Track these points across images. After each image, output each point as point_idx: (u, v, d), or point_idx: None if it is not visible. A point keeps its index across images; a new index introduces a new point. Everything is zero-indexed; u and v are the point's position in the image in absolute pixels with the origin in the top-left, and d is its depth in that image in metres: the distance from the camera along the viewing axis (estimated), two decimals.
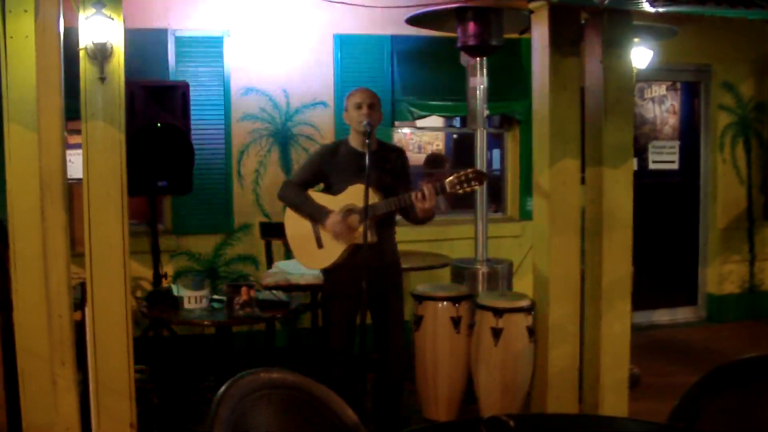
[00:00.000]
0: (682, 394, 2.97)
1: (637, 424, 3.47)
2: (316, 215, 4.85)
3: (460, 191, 4.64)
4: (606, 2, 5.02)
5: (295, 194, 4.92)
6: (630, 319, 5.70)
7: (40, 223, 4.52)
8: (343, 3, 6.05)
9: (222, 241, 7.16)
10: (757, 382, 3.05)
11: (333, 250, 4.88)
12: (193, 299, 5.01)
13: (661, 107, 8.86)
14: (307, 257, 4.97)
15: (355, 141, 4.98)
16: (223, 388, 2.71)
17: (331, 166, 4.93)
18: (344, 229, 4.78)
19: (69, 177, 4.59)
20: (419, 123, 7.98)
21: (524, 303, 5.52)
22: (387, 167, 4.95)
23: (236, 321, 4.95)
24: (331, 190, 4.90)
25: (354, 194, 4.78)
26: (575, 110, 5.48)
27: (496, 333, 5.42)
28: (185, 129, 6.16)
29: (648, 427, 3.16)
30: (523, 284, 6.51)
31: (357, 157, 4.77)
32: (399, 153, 5.18)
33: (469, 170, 4.65)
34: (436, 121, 8.48)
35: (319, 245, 4.90)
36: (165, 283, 6.30)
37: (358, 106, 4.86)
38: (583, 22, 5.49)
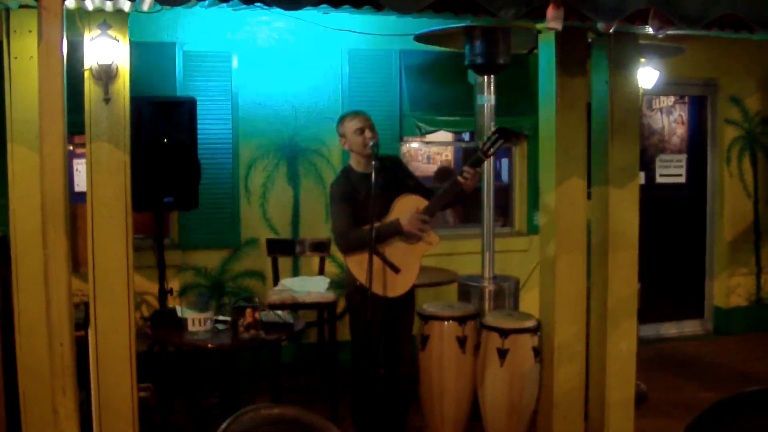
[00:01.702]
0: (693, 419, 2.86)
1: None
2: (392, 230, 4.82)
3: (492, 152, 4.81)
4: (611, 30, 4.96)
5: (356, 235, 4.84)
6: (636, 337, 5.68)
7: (42, 244, 4.45)
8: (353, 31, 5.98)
9: (229, 256, 7.07)
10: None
11: (413, 266, 4.92)
12: (197, 321, 4.92)
13: (669, 118, 8.79)
14: (391, 287, 4.90)
15: (359, 165, 4.97)
16: (224, 425, 2.69)
17: (356, 197, 4.89)
18: (427, 224, 4.82)
19: (76, 189, 4.54)
20: (428, 137, 7.88)
21: (530, 323, 5.45)
22: (399, 174, 5.06)
23: (241, 344, 4.88)
24: (365, 221, 4.81)
25: (403, 207, 4.87)
26: (582, 130, 5.43)
27: (502, 354, 5.34)
28: (192, 144, 6.10)
29: None
30: (531, 298, 6.43)
31: (370, 179, 4.73)
32: (397, 161, 5.31)
33: (491, 134, 4.82)
34: (445, 135, 8.38)
35: (396, 270, 4.87)
36: (171, 299, 6.25)
37: (361, 131, 4.87)
38: (590, 41, 5.43)
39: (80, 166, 6.47)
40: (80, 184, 6.41)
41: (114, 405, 4.72)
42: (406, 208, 4.83)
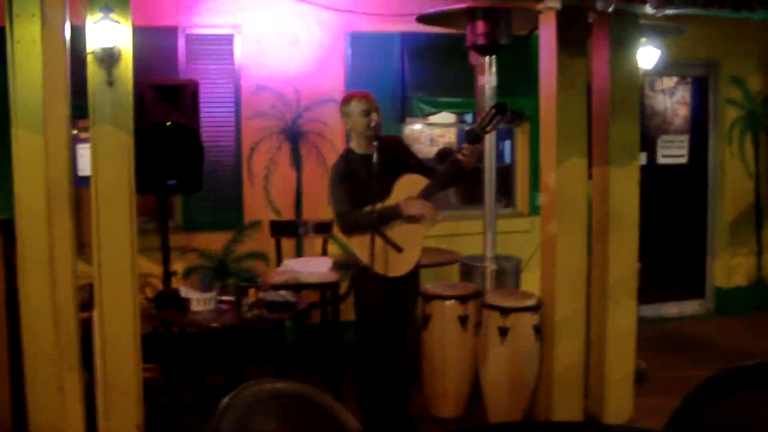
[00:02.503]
0: (684, 397, 2.89)
1: None
2: (392, 213, 4.80)
3: (490, 128, 4.81)
4: (611, 10, 4.96)
5: (356, 216, 4.83)
6: (636, 315, 5.72)
7: (47, 228, 4.49)
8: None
9: (232, 238, 7.10)
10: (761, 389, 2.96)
11: (415, 245, 4.91)
12: (200, 301, 4.94)
13: (672, 99, 8.77)
14: (393, 266, 4.89)
15: (360, 146, 4.98)
16: (226, 399, 2.64)
17: (356, 178, 4.90)
18: (427, 205, 4.80)
19: (79, 174, 4.56)
20: (430, 119, 7.88)
21: (531, 302, 5.48)
22: (401, 154, 5.06)
23: (244, 323, 4.89)
24: (366, 202, 4.82)
25: (405, 186, 4.86)
26: (582, 109, 5.46)
27: (503, 332, 5.38)
28: (195, 127, 6.10)
29: None
30: (533, 279, 6.43)
31: (371, 160, 4.73)
32: (398, 140, 5.31)
33: (488, 110, 4.83)
34: (447, 116, 8.38)
35: (399, 249, 4.86)
36: (175, 281, 6.27)
37: (367, 113, 4.87)
38: (590, 21, 5.44)
39: (83, 151, 6.49)
40: (83, 168, 6.43)
41: (119, 385, 4.76)
42: (406, 188, 4.85)
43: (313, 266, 6.28)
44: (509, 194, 8.24)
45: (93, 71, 4.61)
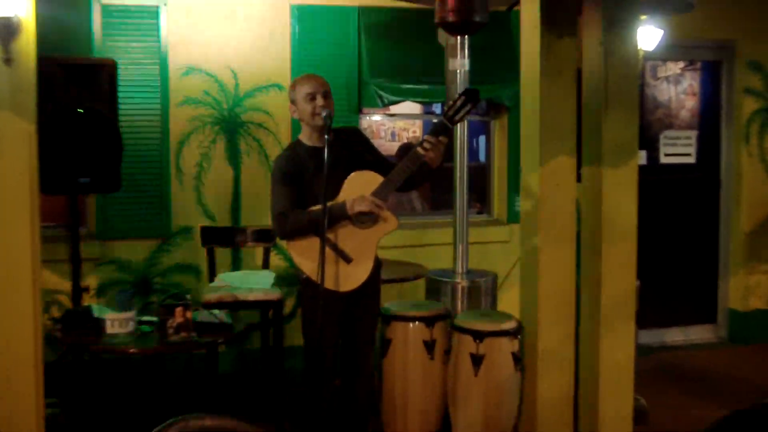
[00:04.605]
0: None
1: None
2: (336, 213, 4.77)
3: (458, 118, 4.81)
4: None
5: (295, 217, 4.82)
6: (634, 342, 5.71)
7: None
8: None
9: (156, 247, 7.10)
10: None
11: (367, 253, 4.91)
12: (117, 322, 4.94)
13: (677, 88, 8.85)
14: (344, 280, 4.89)
15: (310, 138, 4.99)
16: None
17: (302, 174, 4.91)
18: (375, 202, 4.78)
19: None
20: (392, 109, 7.92)
21: (509, 325, 5.47)
22: (357, 149, 5.06)
23: (169, 348, 4.90)
24: (312, 202, 4.83)
25: (356, 185, 4.85)
26: (571, 100, 5.47)
27: (477, 360, 5.38)
28: (112, 115, 6.09)
29: None
30: (511, 298, 6.50)
31: (322, 154, 4.70)
32: (355, 132, 5.31)
33: (457, 97, 4.83)
34: (412, 107, 8.43)
35: (348, 259, 4.86)
36: (86, 298, 6.25)
37: (311, 97, 4.86)
38: None
39: None
40: None
41: (15, 424, 4.72)
42: (357, 187, 4.84)
43: (253, 281, 6.29)
44: (484, 198, 8.31)
45: None
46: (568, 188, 5.51)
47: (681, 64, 8.83)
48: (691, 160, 8.83)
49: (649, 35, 7.00)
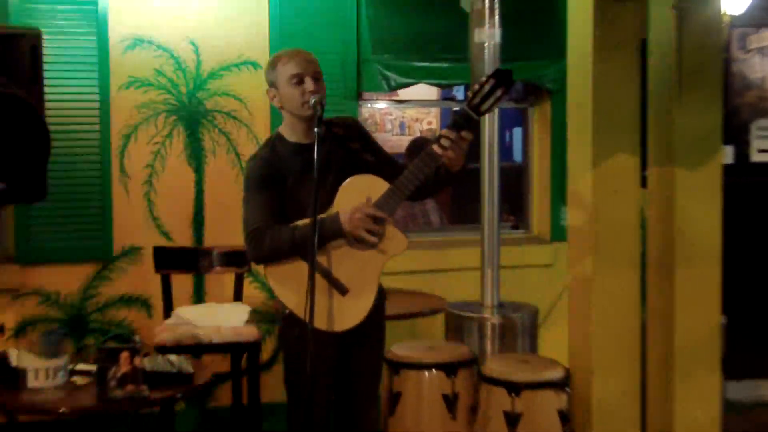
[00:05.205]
0: None
1: None
2: (329, 230, 4.65)
3: (486, 107, 4.60)
4: None
5: (276, 235, 4.71)
6: (721, 397, 5.71)
7: None
8: None
9: (94, 274, 7.07)
10: None
11: (368, 282, 4.79)
12: (43, 373, 4.91)
13: None
14: (339, 317, 4.76)
15: (294, 132, 4.90)
16: None
17: (284, 179, 4.83)
18: (379, 215, 4.64)
19: None
20: (401, 94, 7.91)
21: (554, 374, 5.48)
22: (355, 146, 4.97)
23: (111, 406, 4.85)
24: (298, 215, 4.77)
25: (354, 192, 4.72)
26: (633, 82, 5.47)
27: (512, 420, 5.37)
28: (36, 101, 6.03)
29: None
30: (556, 338, 6.46)
31: (309, 153, 4.62)
32: (352, 124, 5.18)
33: (484, 79, 4.60)
34: (427, 91, 8.40)
35: (343, 290, 4.77)
36: (2, 341, 6.21)
37: (297, 79, 4.76)
38: None
39: None
40: None
41: None
42: (355, 195, 4.73)
43: (221, 317, 6.27)
44: (520, 209, 8.30)
45: None
46: (630, 196, 5.52)
47: None
48: None
49: None
